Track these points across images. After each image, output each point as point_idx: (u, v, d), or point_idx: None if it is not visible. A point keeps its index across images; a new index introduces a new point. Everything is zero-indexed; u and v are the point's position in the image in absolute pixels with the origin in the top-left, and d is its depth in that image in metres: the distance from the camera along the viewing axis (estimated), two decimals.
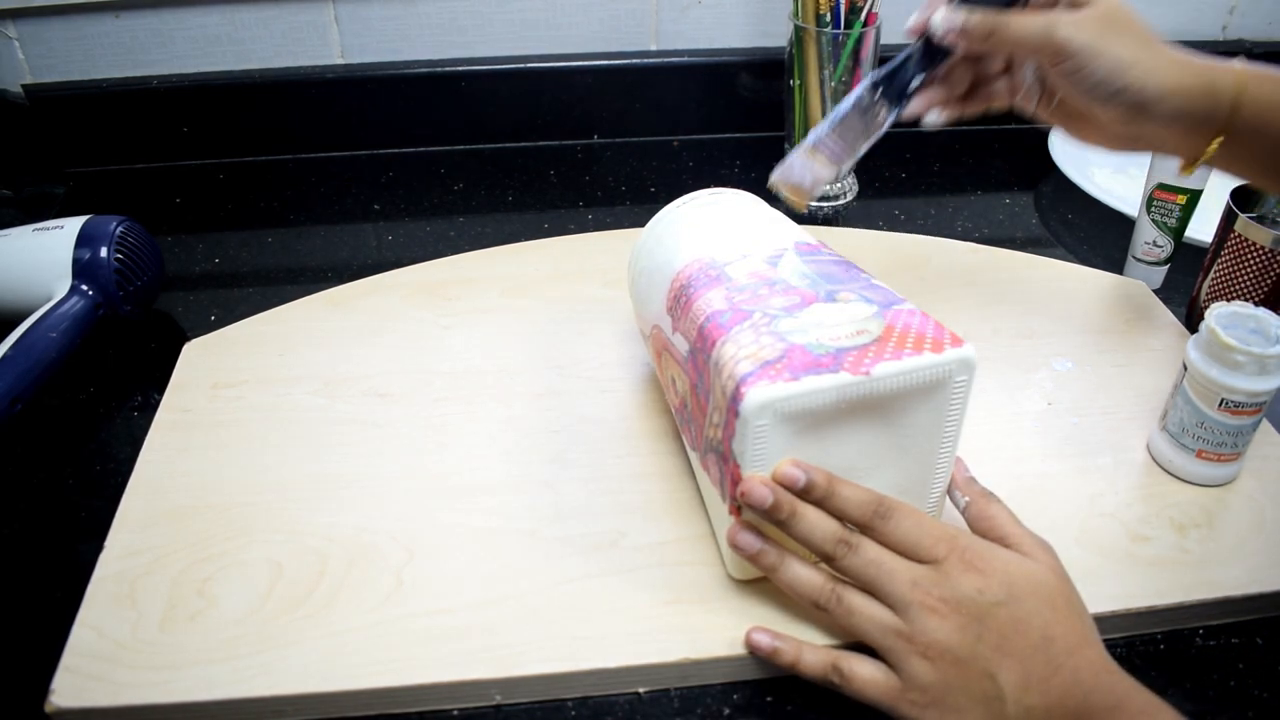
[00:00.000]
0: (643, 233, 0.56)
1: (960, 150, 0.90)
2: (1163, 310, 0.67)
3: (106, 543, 0.49)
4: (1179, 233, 0.67)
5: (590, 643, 0.45)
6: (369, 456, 0.55)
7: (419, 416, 0.58)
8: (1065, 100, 0.53)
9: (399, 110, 0.87)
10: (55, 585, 0.49)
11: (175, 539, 0.50)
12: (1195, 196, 0.66)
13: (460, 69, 0.86)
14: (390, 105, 0.87)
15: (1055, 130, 0.85)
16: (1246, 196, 0.62)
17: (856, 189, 0.84)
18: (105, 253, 0.63)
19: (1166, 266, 0.70)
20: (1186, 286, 0.68)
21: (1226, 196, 0.62)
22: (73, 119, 0.84)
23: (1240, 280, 0.61)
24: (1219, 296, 0.63)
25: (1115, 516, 0.51)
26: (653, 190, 0.84)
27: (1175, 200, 0.66)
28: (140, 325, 0.68)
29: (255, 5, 0.82)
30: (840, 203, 0.82)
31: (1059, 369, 0.61)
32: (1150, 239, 0.68)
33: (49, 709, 0.42)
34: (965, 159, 0.89)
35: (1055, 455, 0.55)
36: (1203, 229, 0.68)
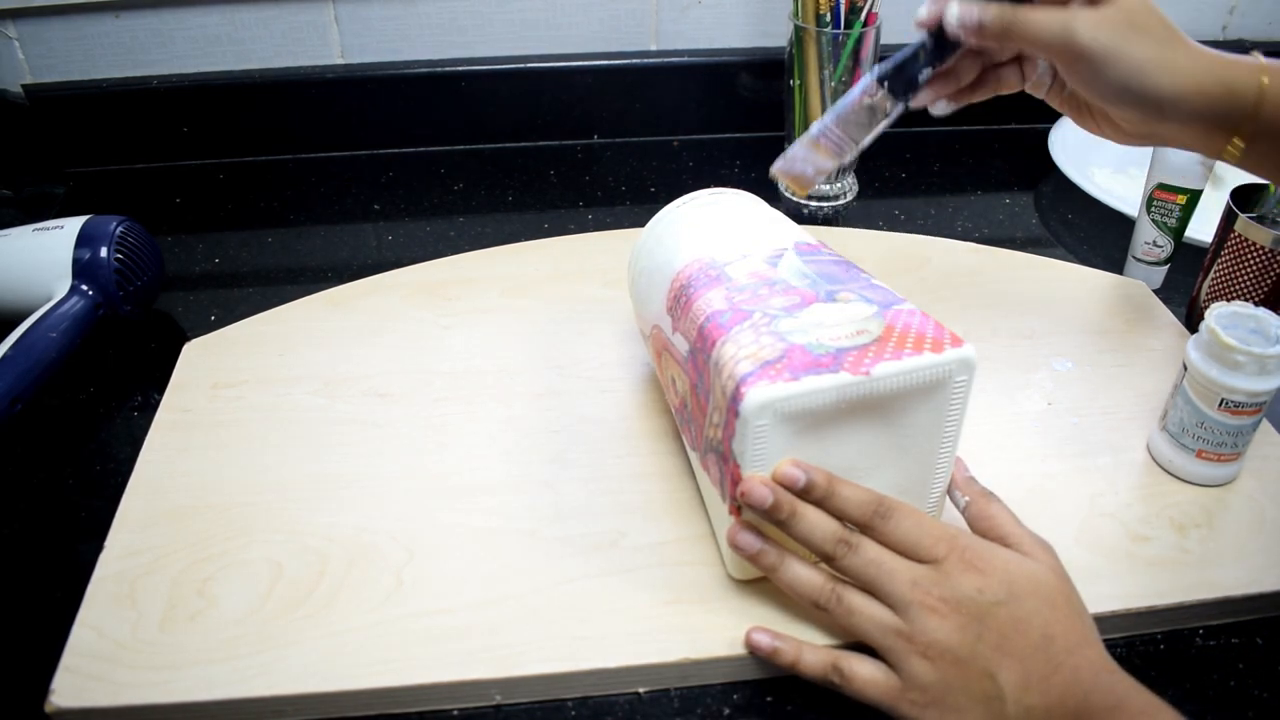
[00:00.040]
0: (643, 233, 0.56)
1: (960, 150, 0.90)
2: (1163, 310, 0.67)
3: (106, 543, 0.49)
4: (1179, 233, 0.67)
5: (590, 643, 0.45)
6: (369, 456, 0.55)
7: (419, 416, 0.58)
8: (1078, 93, 0.52)
9: (399, 110, 0.87)
10: (55, 585, 0.49)
11: (175, 539, 0.50)
12: (1195, 196, 0.65)
13: (460, 69, 0.86)
14: (390, 105, 0.87)
15: (1057, 127, 0.85)
16: (1246, 196, 0.62)
17: (856, 189, 0.84)
18: (105, 253, 0.63)
19: (1166, 266, 0.70)
20: (1186, 286, 0.68)
21: (1226, 196, 0.62)
22: (73, 119, 0.84)
23: (1240, 280, 0.61)
24: (1219, 296, 0.63)
25: (1115, 516, 0.51)
26: (653, 190, 0.84)
27: (1175, 200, 0.66)
28: (140, 325, 0.68)
29: (255, 5, 0.82)
30: (840, 203, 0.82)
31: (1059, 369, 0.61)
32: (1150, 239, 0.68)
33: (49, 709, 0.42)
34: (965, 159, 0.89)
35: (1055, 455, 0.55)
36: (1203, 229, 0.68)
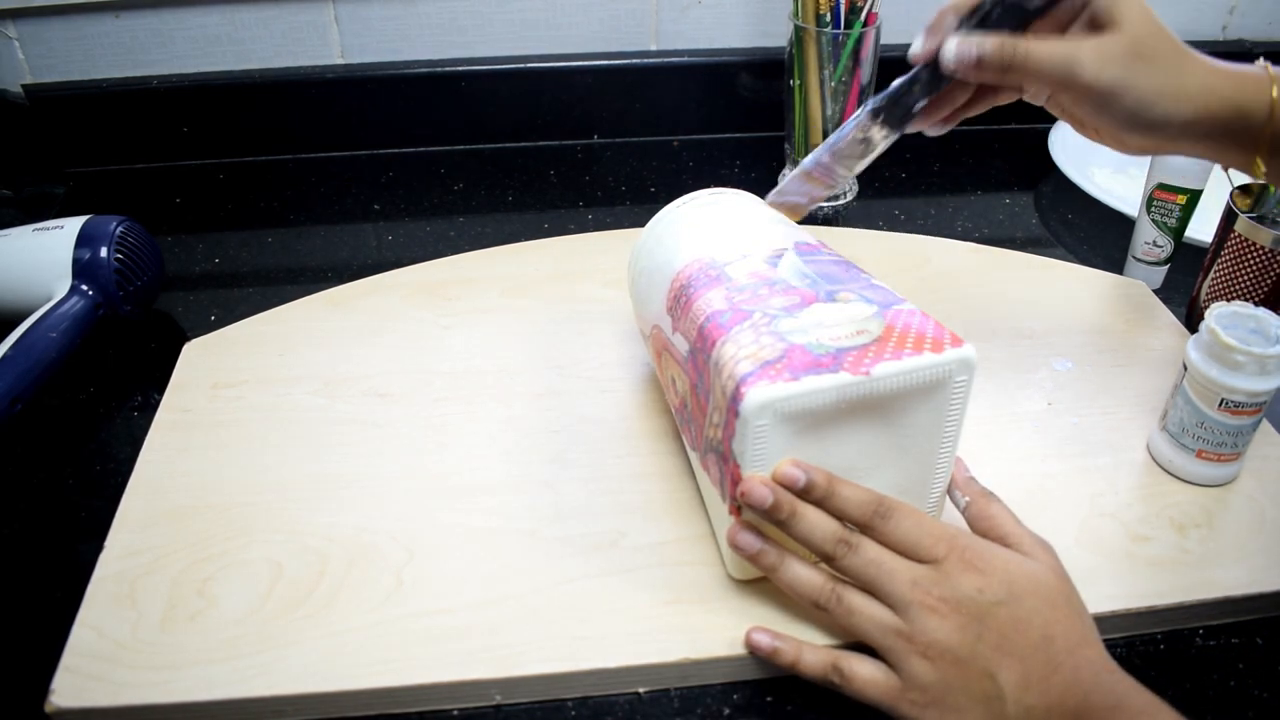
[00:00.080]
0: (643, 233, 0.56)
1: (960, 150, 0.90)
2: (1163, 310, 0.67)
3: (106, 543, 0.49)
4: (1179, 233, 0.67)
5: (590, 643, 0.45)
6: (369, 456, 0.55)
7: (419, 416, 0.58)
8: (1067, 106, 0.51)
9: (399, 110, 0.87)
10: (55, 585, 0.49)
11: (175, 539, 0.50)
12: (1195, 196, 0.65)
13: (460, 69, 0.86)
14: (390, 105, 0.87)
15: (1057, 127, 0.85)
16: (1246, 196, 0.62)
17: (856, 189, 0.84)
18: (105, 253, 0.63)
19: (1166, 266, 0.70)
20: (1186, 286, 0.68)
21: (1226, 196, 0.62)
22: (73, 119, 0.84)
23: (1240, 280, 0.61)
24: (1219, 296, 0.63)
25: (1115, 516, 0.51)
26: (653, 190, 0.84)
27: (1175, 200, 0.66)
28: (140, 325, 0.68)
29: (255, 5, 0.82)
30: (840, 203, 0.82)
31: (1059, 369, 0.61)
32: (1150, 239, 0.68)
33: (49, 709, 0.42)
34: (965, 159, 0.89)
35: (1055, 455, 0.55)
36: (1203, 229, 0.68)
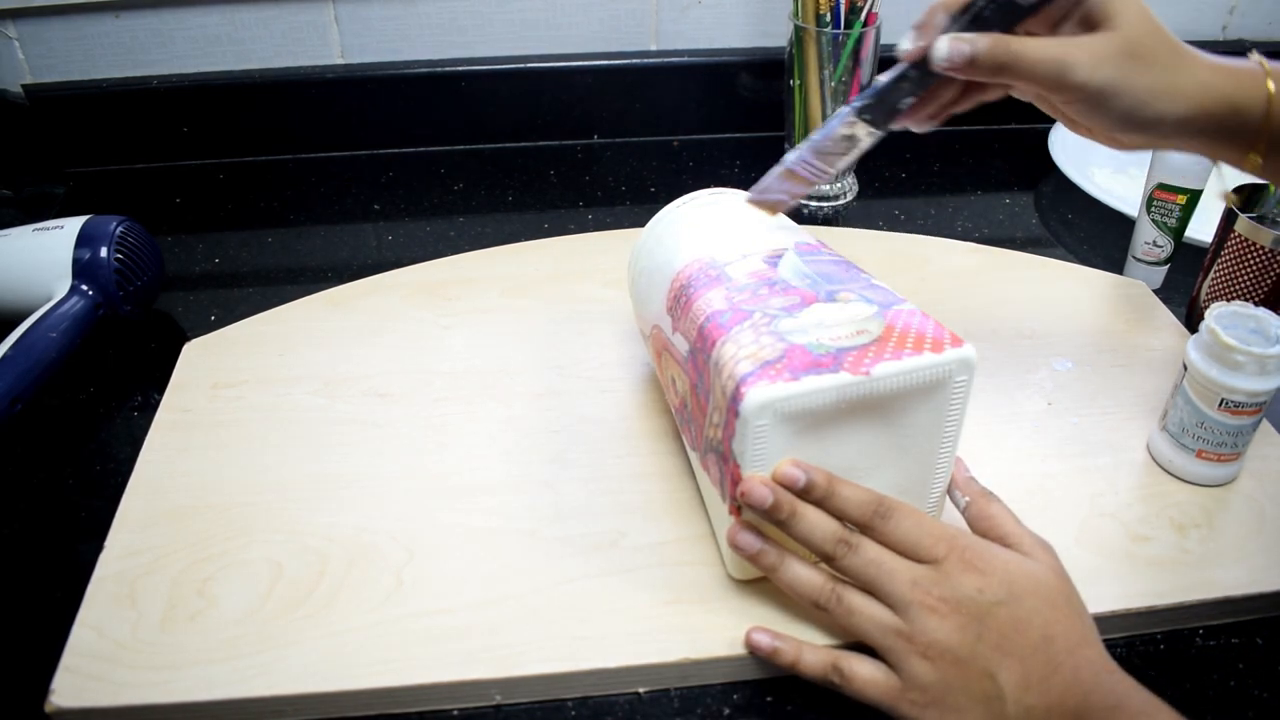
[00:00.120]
0: (643, 233, 0.56)
1: (960, 150, 0.90)
2: (1163, 310, 0.67)
3: (106, 543, 0.49)
4: (1179, 233, 0.67)
5: (590, 643, 0.45)
6: (369, 456, 0.55)
7: (419, 416, 0.58)
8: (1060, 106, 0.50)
9: (399, 110, 0.87)
10: (55, 585, 0.49)
11: (175, 539, 0.50)
12: (1195, 196, 0.65)
13: (460, 69, 0.86)
14: (390, 105, 0.87)
15: (1057, 127, 0.85)
16: (1246, 196, 0.62)
17: (856, 189, 0.84)
18: (105, 253, 0.63)
19: (1166, 266, 0.70)
20: (1186, 286, 0.68)
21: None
22: (73, 119, 0.84)
23: (1240, 280, 0.61)
24: (1219, 296, 0.63)
25: (1115, 516, 0.51)
26: (653, 190, 0.84)
27: (1175, 200, 0.66)
28: (140, 325, 0.68)
29: (255, 5, 0.82)
30: (840, 203, 0.82)
31: (1059, 369, 0.61)
32: (1150, 239, 0.68)
33: (49, 709, 0.42)
34: (965, 159, 0.89)
35: (1055, 455, 0.55)
36: (1203, 229, 0.68)
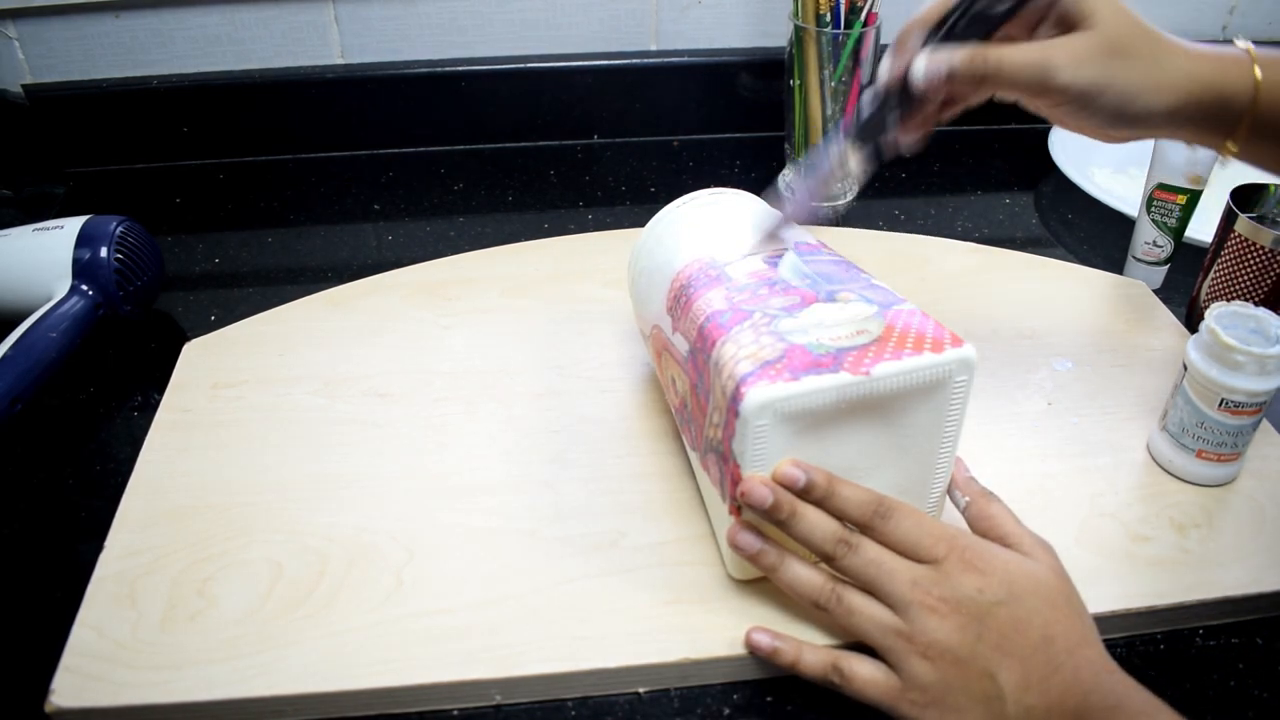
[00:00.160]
0: (643, 233, 0.56)
1: (960, 150, 0.90)
2: (1163, 310, 0.67)
3: (106, 543, 0.49)
4: (1179, 233, 0.67)
5: (590, 643, 0.45)
6: (369, 456, 0.55)
7: (419, 416, 0.58)
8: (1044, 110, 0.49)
9: (399, 110, 0.87)
10: (55, 585, 0.49)
11: (175, 539, 0.50)
12: (1195, 196, 0.65)
13: (460, 69, 0.86)
14: (390, 105, 0.87)
15: (1056, 129, 0.85)
16: (1246, 196, 0.62)
17: (856, 189, 0.84)
18: (105, 253, 0.63)
19: (1166, 266, 0.70)
20: (1186, 286, 0.68)
21: (1226, 196, 0.62)
22: (73, 119, 0.84)
23: (1240, 280, 0.61)
24: (1219, 296, 0.63)
25: (1115, 516, 0.51)
26: (653, 190, 0.84)
27: (1175, 200, 0.66)
28: (140, 325, 0.68)
29: (255, 5, 0.82)
30: (840, 203, 0.82)
31: (1059, 369, 0.61)
32: (1150, 239, 0.68)
33: (49, 709, 0.42)
34: (965, 159, 0.89)
35: (1055, 455, 0.55)
36: (1203, 229, 0.68)
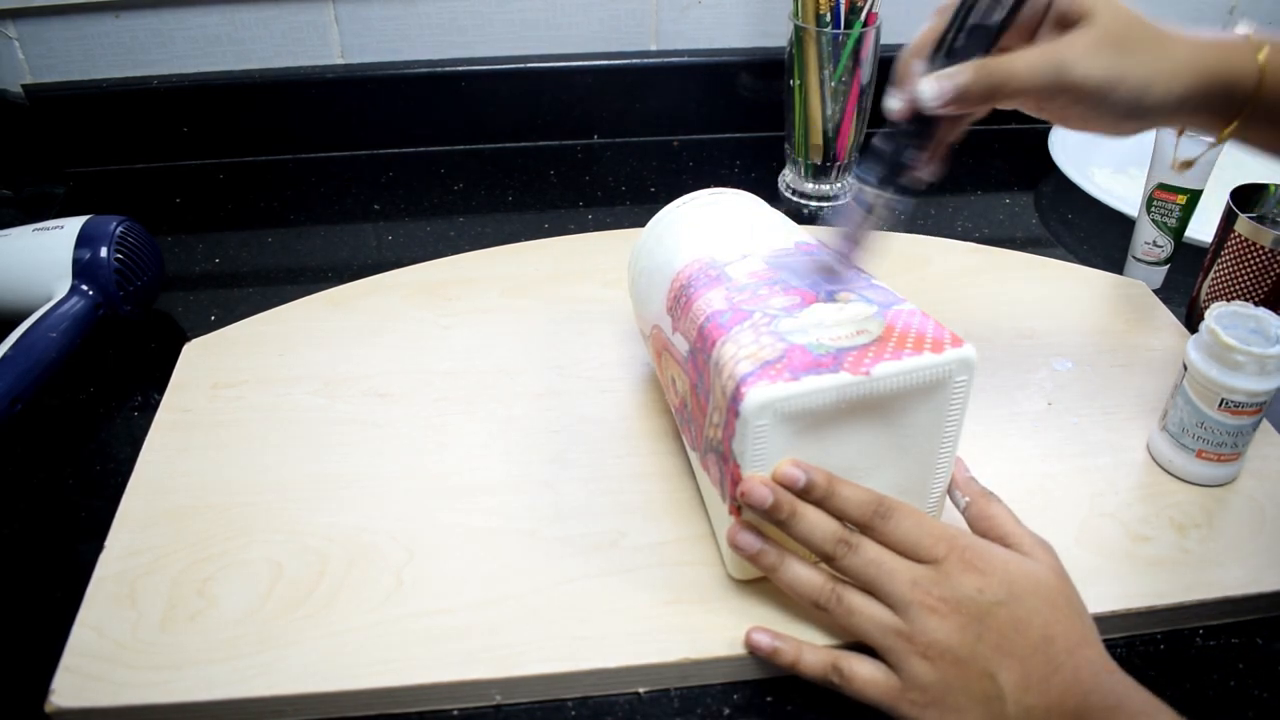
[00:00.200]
0: (643, 233, 0.56)
1: (960, 150, 0.89)
2: (1163, 310, 0.67)
3: (106, 543, 0.49)
4: (1179, 233, 0.67)
5: (590, 643, 0.45)
6: (369, 456, 0.55)
7: (419, 416, 0.58)
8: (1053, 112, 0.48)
9: (399, 110, 0.87)
10: (55, 585, 0.49)
11: (175, 539, 0.50)
12: (1195, 196, 0.65)
13: (460, 69, 0.86)
14: (390, 105, 0.87)
15: (1057, 129, 0.85)
16: (1246, 196, 0.62)
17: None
18: (105, 253, 0.63)
19: (1166, 266, 0.70)
20: (1186, 286, 0.68)
21: (1226, 196, 0.62)
22: (73, 119, 0.84)
23: (1240, 280, 0.61)
24: (1219, 296, 0.63)
25: (1115, 516, 0.51)
26: (653, 190, 0.84)
27: (1175, 200, 0.66)
28: (140, 325, 0.68)
29: (255, 5, 0.82)
30: (840, 203, 0.82)
31: (1059, 369, 0.61)
32: (1150, 239, 0.68)
33: (49, 709, 0.42)
34: (965, 159, 0.89)
35: (1055, 455, 0.55)
36: (1203, 229, 0.68)
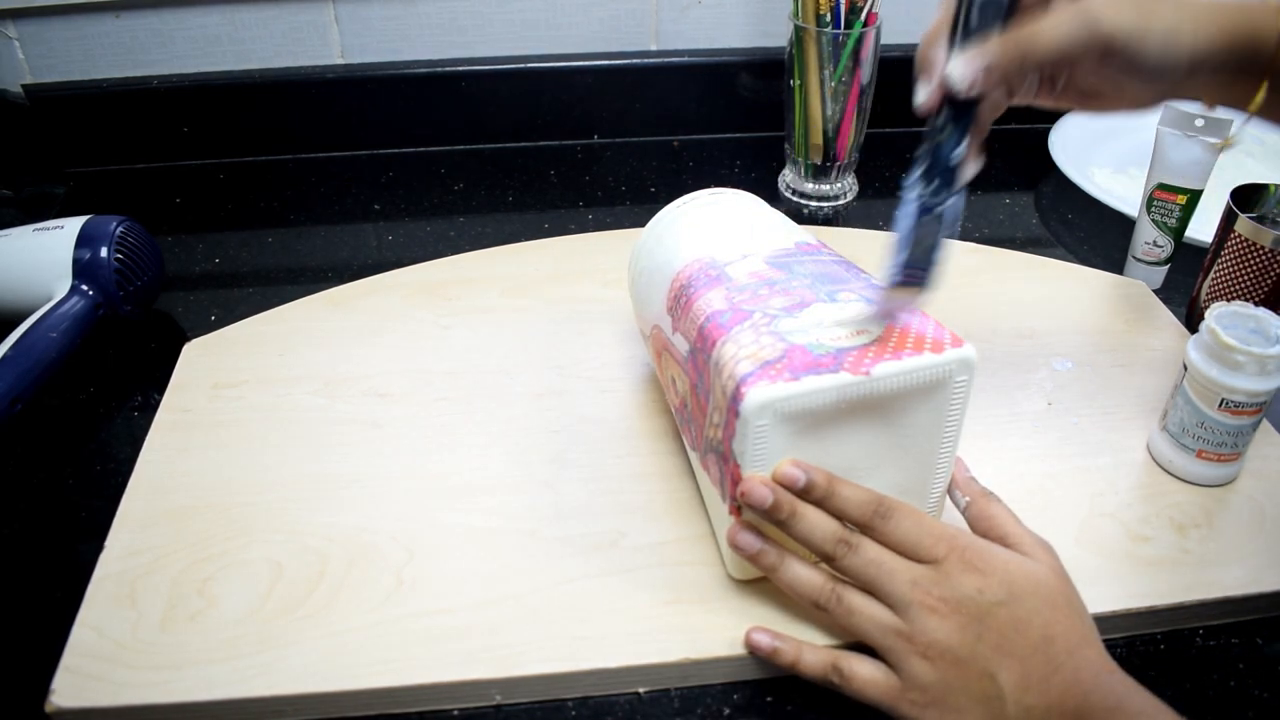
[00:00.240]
0: (643, 233, 0.56)
1: None
2: (1163, 310, 0.67)
3: (106, 543, 0.49)
4: (1179, 233, 0.67)
5: (590, 643, 0.45)
6: (369, 456, 0.55)
7: (419, 416, 0.58)
8: (1079, 81, 0.46)
9: (399, 110, 0.87)
10: (55, 585, 0.49)
11: (175, 539, 0.50)
12: (1195, 196, 0.65)
13: (460, 69, 0.86)
14: (390, 105, 0.87)
15: (1057, 127, 0.85)
16: (1246, 196, 0.62)
17: (857, 189, 0.84)
18: (105, 253, 0.63)
19: (1166, 266, 0.70)
20: (1186, 286, 0.68)
21: (1227, 196, 0.62)
22: (73, 119, 0.84)
23: (1240, 280, 0.61)
24: (1219, 296, 0.63)
25: (1115, 516, 0.51)
26: (653, 190, 0.84)
27: (1175, 200, 0.66)
28: (140, 325, 0.68)
29: (255, 5, 0.82)
30: (840, 203, 0.82)
31: (1059, 369, 0.61)
32: (1150, 239, 0.68)
33: (49, 709, 0.42)
34: None
35: (1055, 455, 0.55)
36: (1203, 229, 0.68)
